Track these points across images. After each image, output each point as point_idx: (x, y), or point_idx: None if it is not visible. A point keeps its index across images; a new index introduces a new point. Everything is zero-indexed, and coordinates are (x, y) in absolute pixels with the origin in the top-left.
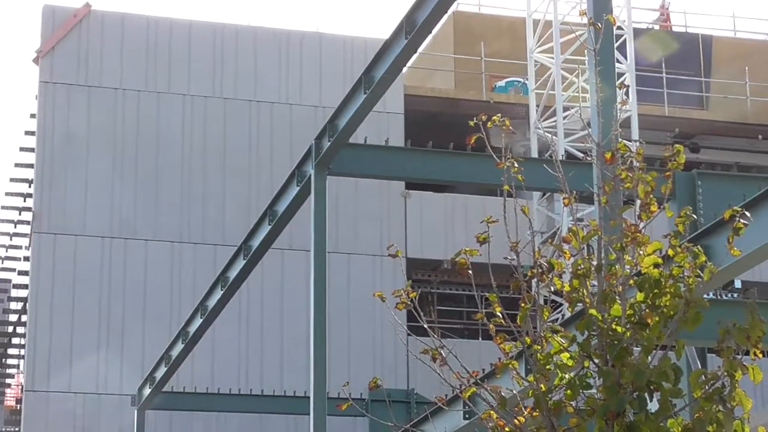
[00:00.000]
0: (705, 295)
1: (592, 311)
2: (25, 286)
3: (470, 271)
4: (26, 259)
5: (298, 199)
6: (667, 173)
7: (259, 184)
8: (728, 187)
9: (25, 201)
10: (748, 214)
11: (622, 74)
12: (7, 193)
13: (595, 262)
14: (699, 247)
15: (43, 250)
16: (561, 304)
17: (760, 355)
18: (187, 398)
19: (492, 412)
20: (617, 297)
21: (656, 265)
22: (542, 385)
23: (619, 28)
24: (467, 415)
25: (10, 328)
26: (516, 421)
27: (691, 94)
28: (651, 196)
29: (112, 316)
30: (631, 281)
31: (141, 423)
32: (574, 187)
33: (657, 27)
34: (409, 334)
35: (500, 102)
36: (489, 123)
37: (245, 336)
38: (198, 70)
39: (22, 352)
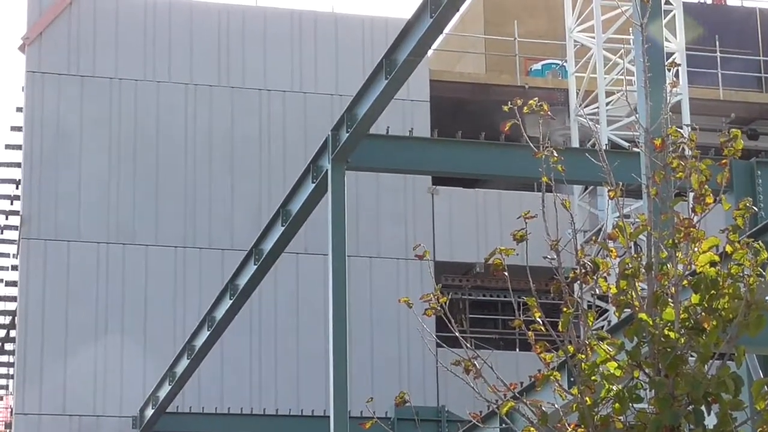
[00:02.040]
0: None
1: (642, 316)
2: (14, 298)
3: (506, 273)
4: (14, 268)
5: (313, 196)
6: (723, 161)
7: (270, 182)
8: None
9: (12, 204)
10: None
11: (672, 53)
12: None
13: (644, 261)
14: (760, 242)
15: (32, 258)
16: (607, 309)
17: None
18: (194, 419)
19: (532, 428)
20: (670, 299)
21: (713, 264)
22: (587, 399)
23: (668, 2)
24: None
25: None
26: None
27: (749, 74)
28: (706, 186)
29: (110, 330)
30: (685, 282)
31: None
32: (620, 179)
33: (709, 1)
34: (438, 345)
35: (536, 87)
36: (525, 109)
37: (257, 350)
38: (201, 57)
39: (11, 371)
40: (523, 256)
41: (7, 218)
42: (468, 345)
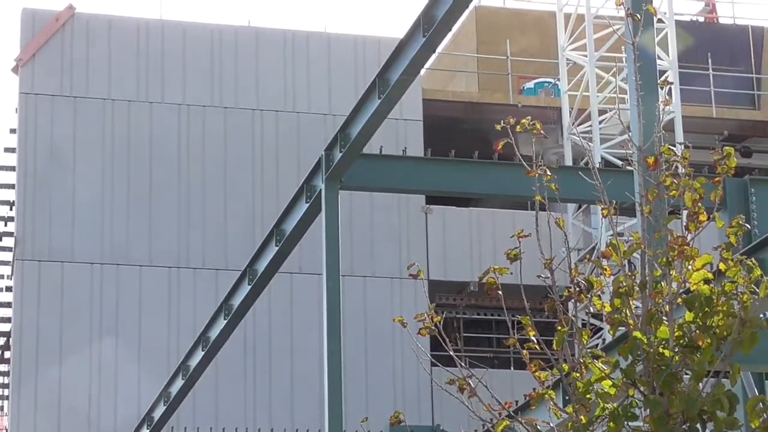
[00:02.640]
0: (762, 314)
1: (637, 334)
2: (8, 320)
3: (500, 292)
4: (8, 289)
5: (307, 216)
6: (717, 179)
7: (264, 202)
8: None
9: (6, 225)
10: None
11: (664, 71)
12: None
13: (638, 280)
14: (753, 260)
15: (26, 279)
16: (601, 328)
17: None
18: None
19: None
20: (664, 317)
21: (707, 281)
22: (582, 417)
23: (660, 20)
24: None
25: None
26: None
27: (742, 92)
28: (699, 204)
29: (105, 350)
30: (679, 300)
31: None
32: (613, 198)
33: (701, 19)
34: (433, 364)
35: (529, 105)
36: (518, 127)
37: (252, 370)
38: (194, 77)
39: (6, 392)
40: (517, 275)
41: (0, 239)
42: (462, 364)
